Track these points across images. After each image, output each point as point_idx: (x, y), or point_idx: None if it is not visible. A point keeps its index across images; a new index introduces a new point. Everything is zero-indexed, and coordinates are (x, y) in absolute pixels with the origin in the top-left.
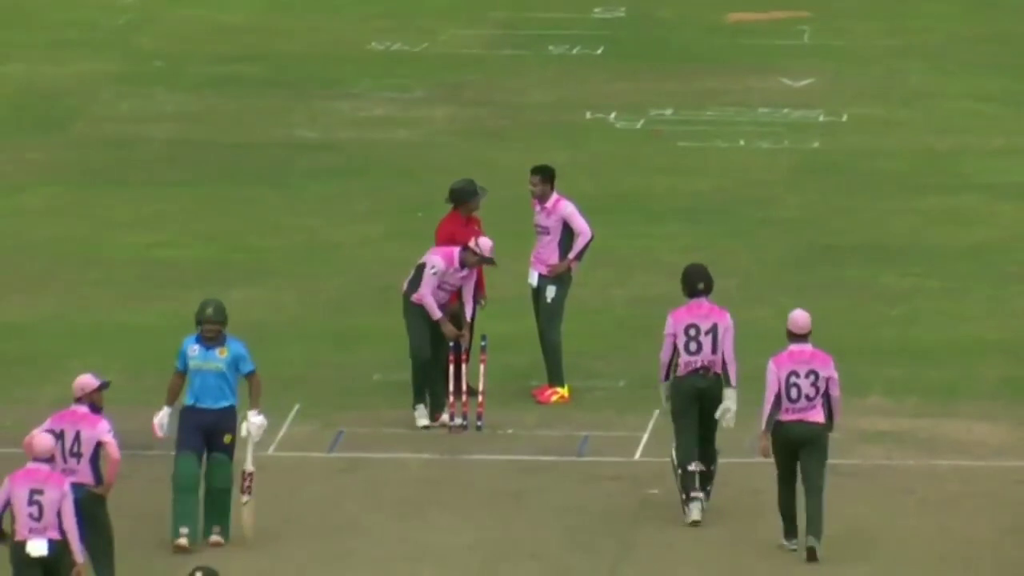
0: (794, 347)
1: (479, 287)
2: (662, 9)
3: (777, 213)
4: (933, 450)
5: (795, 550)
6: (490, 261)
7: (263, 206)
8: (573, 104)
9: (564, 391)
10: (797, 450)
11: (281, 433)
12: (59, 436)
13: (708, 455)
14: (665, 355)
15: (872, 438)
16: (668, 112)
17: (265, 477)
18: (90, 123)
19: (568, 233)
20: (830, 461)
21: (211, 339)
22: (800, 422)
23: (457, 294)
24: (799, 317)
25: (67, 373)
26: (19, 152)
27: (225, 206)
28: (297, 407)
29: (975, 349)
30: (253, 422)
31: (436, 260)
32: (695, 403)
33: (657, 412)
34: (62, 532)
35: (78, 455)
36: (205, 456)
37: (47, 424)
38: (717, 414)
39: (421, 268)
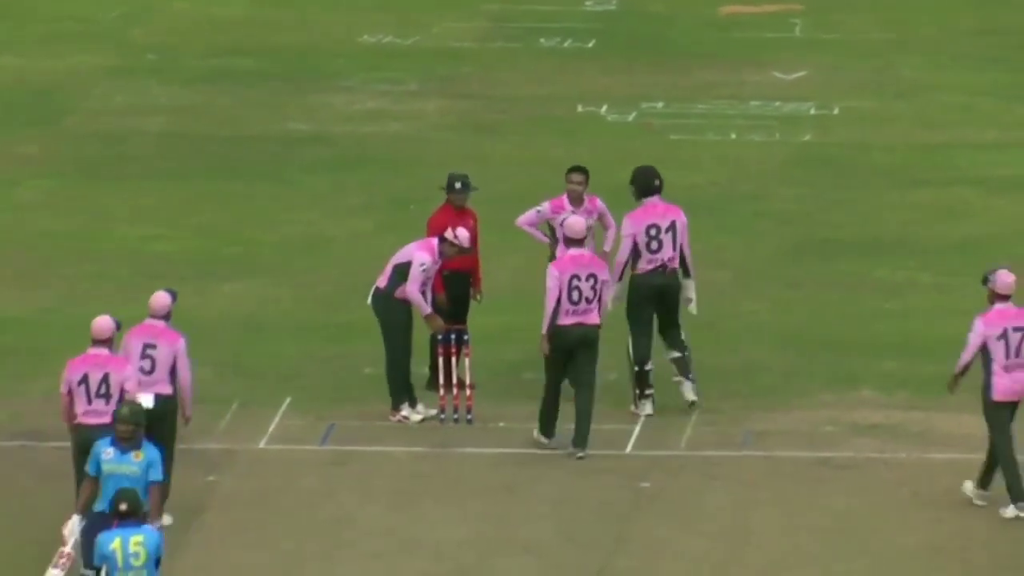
0: (573, 251)
1: (475, 282)
2: (654, 2)
3: (770, 206)
4: (926, 443)
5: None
6: (468, 251)
7: (257, 200)
8: (565, 97)
9: None
10: (574, 351)
11: (273, 426)
12: (83, 380)
13: (678, 343)
14: (622, 256)
15: (865, 431)
16: (659, 105)
17: (257, 470)
18: (84, 117)
19: None
20: (822, 454)
21: (126, 440)
22: (580, 325)
23: (440, 284)
24: (576, 223)
25: (62, 366)
26: (13, 146)
27: (219, 200)
28: (288, 400)
29: None
30: (74, 520)
31: (424, 256)
32: (654, 302)
33: (650, 405)
34: (173, 387)
35: (106, 396)
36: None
37: (68, 372)
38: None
39: (401, 267)
